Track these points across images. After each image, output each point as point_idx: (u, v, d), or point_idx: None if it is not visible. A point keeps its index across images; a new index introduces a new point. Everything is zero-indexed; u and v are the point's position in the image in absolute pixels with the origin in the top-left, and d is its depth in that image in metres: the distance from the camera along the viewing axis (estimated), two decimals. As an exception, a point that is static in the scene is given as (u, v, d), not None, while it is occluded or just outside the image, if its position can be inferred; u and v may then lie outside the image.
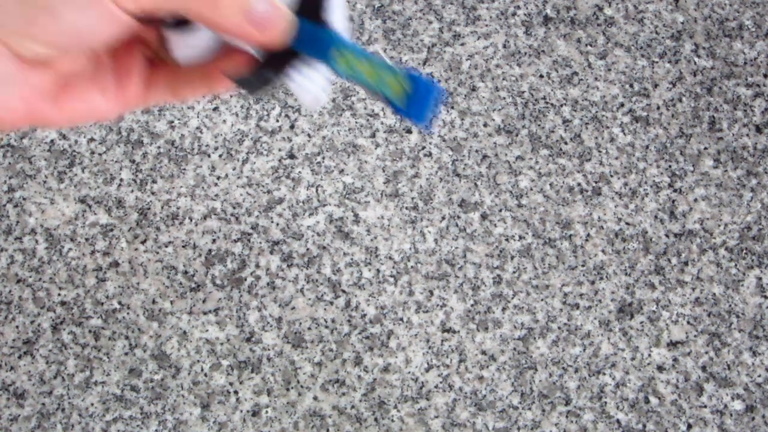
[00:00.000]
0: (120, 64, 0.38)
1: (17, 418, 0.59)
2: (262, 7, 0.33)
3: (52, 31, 0.32)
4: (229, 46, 0.36)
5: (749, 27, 0.75)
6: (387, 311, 0.64)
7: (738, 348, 0.64)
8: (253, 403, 0.60)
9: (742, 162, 0.70)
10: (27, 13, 0.32)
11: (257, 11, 0.33)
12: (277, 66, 0.35)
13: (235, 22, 0.33)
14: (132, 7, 0.33)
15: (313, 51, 0.34)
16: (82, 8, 0.32)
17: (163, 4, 0.33)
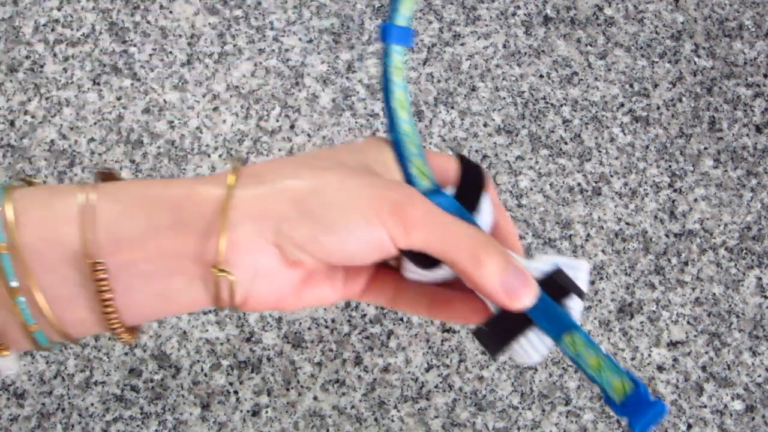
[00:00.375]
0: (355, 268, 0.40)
1: (17, 418, 0.59)
2: (517, 279, 0.36)
3: (329, 251, 0.35)
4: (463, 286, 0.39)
5: (749, 27, 0.75)
6: (387, 311, 0.64)
7: (738, 348, 0.64)
8: (253, 403, 0.60)
9: (742, 162, 0.70)
10: (314, 232, 0.34)
11: (512, 281, 0.36)
12: (507, 323, 0.37)
13: (491, 286, 0.35)
14: (403, 245, 0.36)
15: (545, 324, 0.36)
16: (364, 240, 0.35)
17: (432, 250, 0.36)
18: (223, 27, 0.73)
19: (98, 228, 0.33)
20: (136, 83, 0.70)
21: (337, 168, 0.36)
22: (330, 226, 0.34)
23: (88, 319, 0.35)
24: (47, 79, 0.69)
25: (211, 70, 0.71)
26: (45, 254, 0.33)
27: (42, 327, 0.34)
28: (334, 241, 0.34)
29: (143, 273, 0.34)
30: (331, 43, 0.73)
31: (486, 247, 0.36)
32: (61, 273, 0.33)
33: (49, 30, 0.72)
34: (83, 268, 0.33)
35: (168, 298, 0.35)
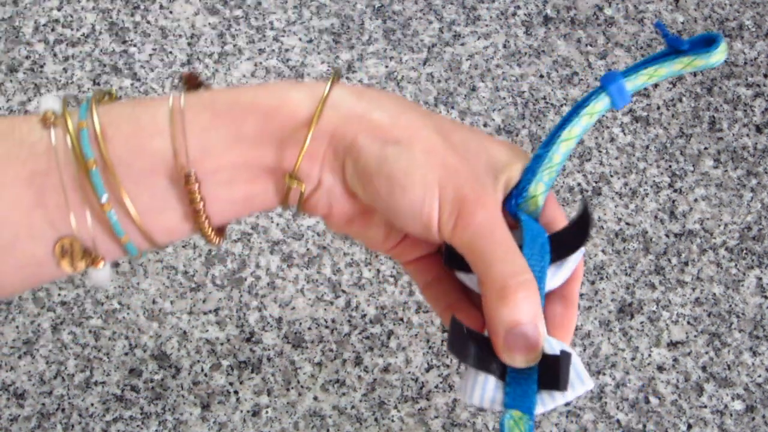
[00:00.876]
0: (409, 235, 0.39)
1: (17, 418, 0.59)
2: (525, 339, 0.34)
3: (378, 197, 0.35)
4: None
5: (749, 27, 0.75)
6: (387, 311, 0.64)
7: (738, 348, 0.64)
8: (253, 403, 0.60)
9: (742, 162, 0.70)
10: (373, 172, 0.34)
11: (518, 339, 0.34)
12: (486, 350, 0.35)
13: (498, 326, 0.34)
14: (446, 236, 0.35)
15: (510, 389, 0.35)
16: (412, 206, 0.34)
17: (470, 256, 0.35)
18: (223, 27, 0.73)
19: (187, 138, 0.33)
20: (136, 83, 0.70)
21: (437, 134, 0.35)
22: (391, 175, 0.34)
23: (177, 227, 0.35)
24: (47, 79, 0.70)
25: (212, 70, 0.71)
26: (134, 166, 0.33)
27: (132, 238, 0.34)
28: (385, 190, 0.34)
29: (226, 180, 0.34)
30: (331, 43, 0.73)
31: (520, 288, 0.34)
32: (150, 184, 0.34)
33: (49, 30, 0.72)
34: (173, 178, 0.34)
35: (246, 203, 0.36)
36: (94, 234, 0.34)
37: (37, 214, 0.33)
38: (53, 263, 0.34)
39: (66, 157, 0.33)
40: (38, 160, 0.33)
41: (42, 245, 0.34)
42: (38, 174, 0.33)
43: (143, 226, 0.34)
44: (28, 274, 0.35)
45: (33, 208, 0.33)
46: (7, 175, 0.33)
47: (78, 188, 0.33)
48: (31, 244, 0.34)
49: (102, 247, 0.35)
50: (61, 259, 0.34)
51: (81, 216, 0.34)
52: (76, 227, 0.33)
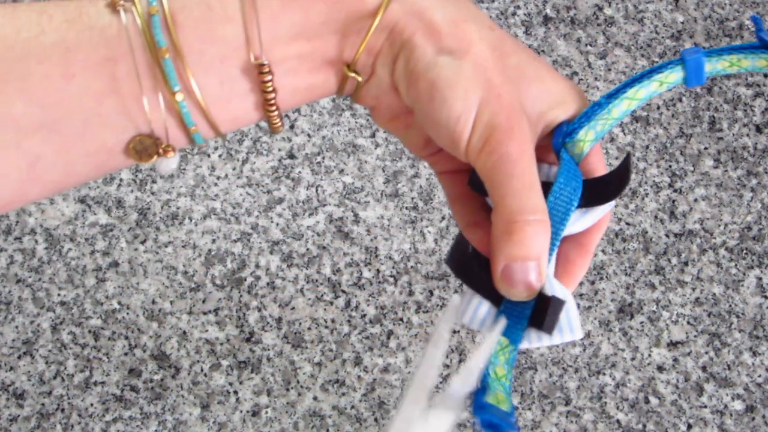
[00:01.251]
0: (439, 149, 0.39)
1: (17, 418, 0.59)
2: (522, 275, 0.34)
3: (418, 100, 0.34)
4: None
5: (749, 27, 0.75)
6: (387, 311, 0.64)
7: (738, 348, 0.64)
8: (253, 403, 0.60)
9: (742, 162, 0.70)
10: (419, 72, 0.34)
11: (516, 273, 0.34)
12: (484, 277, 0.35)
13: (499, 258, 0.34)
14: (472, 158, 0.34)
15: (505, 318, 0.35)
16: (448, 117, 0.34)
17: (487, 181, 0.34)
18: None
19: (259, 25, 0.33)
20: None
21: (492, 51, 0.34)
22: (435, 81, 0.33)
23: (244, 116, 0.35)
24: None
25: (211, 70, 0.71)
26: (205, 54, 0.33)
27: (200, 128, 0.34)
28: (426, 94, 0.34)
29: (293, 69, 0.34)
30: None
31: (528, 226, 0.33)
32: (220, 73, 0.33)
33: None
34: (243, 67, 0.33)
35: (308, 93, 0.36)
36: (165, 123, 0.33)
37: (110, 102, 0.32)
38: (123, 153, 0.34)
39: (137, 44, 0.32)
40: (110, 45, 0.32)
41: (113, 134, 0.33)
42: (110, 60, 0.32)
43: (211, 117, 0.34)
44: (98, 162, 0.34)
45: (105, 95, 0.32)
46: (78, 61, 0.32)
47: (150, 76, 0.32)
48: (102, 131, 0.33)
49: (173, 137, 0.34)
50: (134, 153, 0.34)
51: (154, 104, 0.33)
52: (148, 115, 0.33)
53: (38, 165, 0.33)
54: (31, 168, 0.33)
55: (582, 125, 0.36)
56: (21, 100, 0.32)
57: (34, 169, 0.33)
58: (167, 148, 0.34)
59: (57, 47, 0.32)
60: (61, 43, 0.32)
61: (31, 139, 0.32)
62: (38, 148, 0.33)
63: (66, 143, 0.33)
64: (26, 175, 0.33)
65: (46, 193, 0.35)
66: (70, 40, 0.32)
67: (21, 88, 0.32)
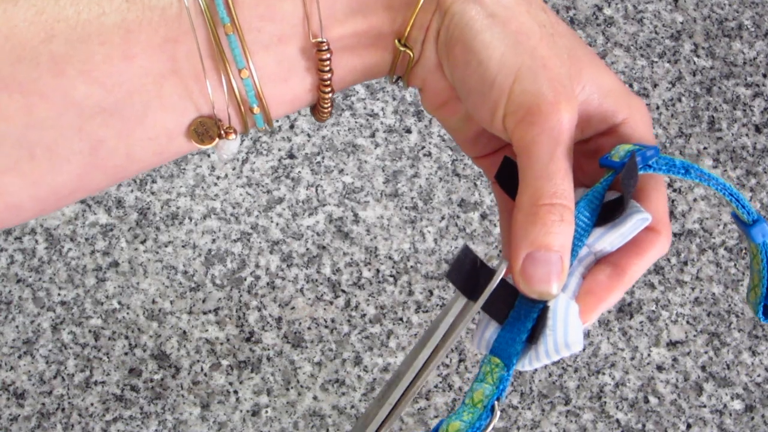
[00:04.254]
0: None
1: (17, 418, 0.59)
2: (543, 270, 0.31)
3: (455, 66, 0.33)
4: None
5: (748, 27, 0.75)
6: (387, 311, 0.64)
7: (737, 348, 0.64)
8: (253, 403, 0.60)
9: (742, 162, 0.70)
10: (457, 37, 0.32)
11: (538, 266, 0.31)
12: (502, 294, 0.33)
13: (519, 247, 0.31)
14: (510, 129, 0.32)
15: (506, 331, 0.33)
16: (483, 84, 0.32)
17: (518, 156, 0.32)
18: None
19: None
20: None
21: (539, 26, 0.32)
22: (472, 44, 0.32)
23: (299, 97, 0.34)
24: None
25: (211, 70, 0.71)
26: (264, 31, 0.32)
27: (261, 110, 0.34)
28: (462, 59, 0.32)
29: (349, 48, 0.34)
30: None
31: (555, 215, 0.31)
32: (278, 51, 0.33)
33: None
34: (302, 46, 0.33)
35: (364, 72, 0.35)
36: (227, 104, 0.33)
37: (171, 83, 0.32)
38: (183, 138, 0.33)
39: (198, 23, 0.32)
40: (170, 26, 0.31)
41: (174, 116, 0.33)
42: (171, 41, 0.32)
43: (264, 97, 0.33)
44: (159, 147, 0.33)
45: (166, 76, 0.32)
46: (140, 43, 0.31)
47: (211, 56, 0.32)
48: (162, 114, 0.32)
49: (233, 119, 0.33)
50: (195, 136, 0.33)
51: (216, 85, 0.32)
52: (211, 97, 0.32)
53: (100, 150, 0.32)
54: (93, 152, 0.32)
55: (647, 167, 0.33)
56: (82, 82, 0.31)
57: (96, 153, 0.32)
58: (229, 129, 0.34)
59: (118, 28, 0.31)
60: (121, 23, 0.31)
61: (92, 123, 0.32)
62: (100, 132, 0.32)
63: (127, 127, 0.32)
64: (88, 160, 0.32)
65: (108, 181, 0.34)
66: (131, 20, 0.31)
67: (82, 70, 0.31)
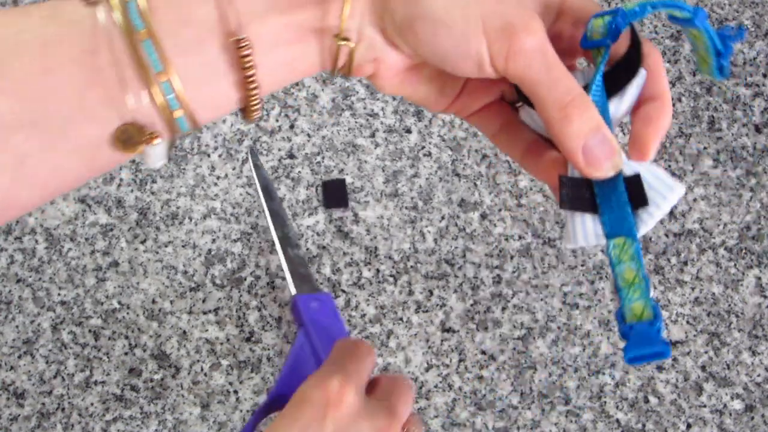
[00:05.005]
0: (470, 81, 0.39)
1: (17, 417, 0.59)
2: (601, 147, 0.34)
3: (421, 43, 0.34)
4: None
5: (748, 27, 0.75)
6: (387, 311, 0.64)
7: (737, 348, 0.64)
8: (253, 403, 0.60)
9: (742, 162, 0.70)
10: (413, 16, 0.34)
11: (594, 149, 0.34)
12: (575, 193, 0.35)
13: (571, 144, 0.34)
14: (500, 69, 0.34)
15: (606, 218, 0.34)
16: (459, 43, 0.34)
17: (525, 86, 0.34)
18: (223, 27, 0.73)
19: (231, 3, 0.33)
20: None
21: None
22: (431, 15, 0.33)
23: (226, 98, 0.35)
24: (47, 79, 0.70)
25: (211, 70, 0.71)
26: (181, 36, 0.33)
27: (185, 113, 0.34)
28: (428, 33, 0.33)
29: (272, 43, 0.34)
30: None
31: (580, 105, 0.34)
32: (199, 54, 0.33)
33: None
34: (222, 45, 0.33)
35: (292, 66, 0.35)
36: (149, 110, 0.33)
37: (92, 93, 0.32)
38: (110, 146, 0.34)
39: (114, 33, 0.32)
40: (87, 39, 0.32)
41: (98, 126, 0.33)
42: (88, 52, 0.32)
43: (187, 101, 0.34)
44: (85, 158, 0.34)
45: (86, 87, 0.32)
46: (58, 57, 0.32)
47: (129, 64, 0.33)
48: (86, 125, 0.33)
49: (157, 124, 0.34)
50: (120, 144, 0.33)
51: (136, 92, 0.33)
52: (132, 103, 0.33)
53: (26, 164, 0.33)
54: (18, 168, 0.33)
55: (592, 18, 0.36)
56: (2, 97, 0.32)
57: (22, 168, 0.33)
58: (152, 135, 0.34)
59: (35, 43, 0.32)
60: (38, 38, 0.32)
61: (15, 137, 0.32)
62: (24, 146, 0.32)
63: (51, 139, 0.33)
64: (14, 175, 0.33)
65: (37, 197, 0.34)
66: (48, 35, 0.32)
67: (1, 87, 0.32)
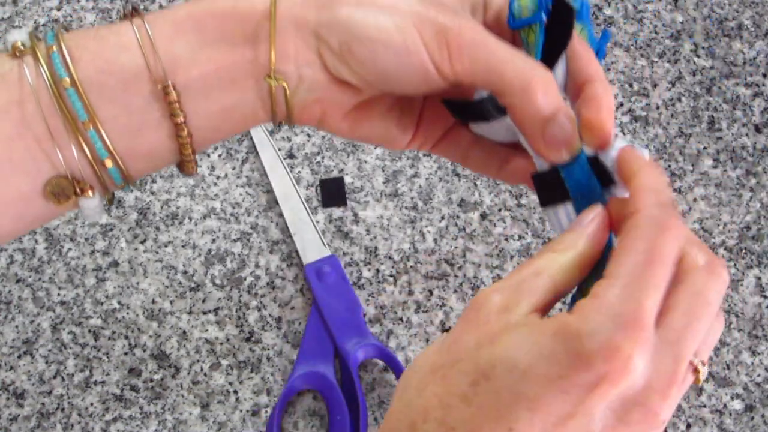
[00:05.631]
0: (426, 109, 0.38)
1: (17, 417, 0.59)
2: (560, 130, 0.33)
3: (364, 66, 0.33)
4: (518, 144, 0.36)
5: (748, 27, 0.75)
6: (387, 311, 0.64)
7: (737, 348, 0.64)
8: (253, 403, 0.60)
9: (742, 162, 0.70)
10: (348, 41, 0.33)
11: (553, 131, 0.33)
12: (547, 185, 0.35)
13: (535, 127, 0.33)
14: (448, 73, 0.33)
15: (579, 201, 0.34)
16: (400, 57, 0.33)
17: (479, 80, 0.33)
18: (223, 27, 0.73)
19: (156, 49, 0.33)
20: (136, 83, 0.70)
21: None
22: (366, 36, 0.33)
23: (158, 147, 0.34)
24: (47, 79, 0.70)
25: (211, 70, 0.71)
26: (106, 85, 0.33)
27: (114, 163, 0.33)
28: (367, 53, 0.33)
29: (200, 90, 0.34)
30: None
31: (540, 78, 0.33)
32: (126, 102, 0.33)
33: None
34: (149, 93, 0.33)
35: (227, 114, 0.35)
36: (78, 161, 0.33)
37: (18, 146, 0.32)
38: (41, 199, 0.33)
39: (40, 83, 0.32)
40: (12, 90, 0.32)
41: (27, 179, 0.33)
42: (14, 104, 0.32)
43: (115, 150, 0.33)
44: (16, 212, 0.33)
45: (13, 139, 0.32)
46: None
47: (56, 115, 0.32)
48: (15, 178, 0.32)
49: (88, 176, 0.33)
50: (52, 197, 0.33)
51: (64, 143, 0.33)
52: (60, 155, 0.32)
53: None
54: None
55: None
56: None
57: None
58: (84, 187, 0.33)
59: None
60: None
61: None
62: None
63: None
64: None
65: None
66: None
67: None
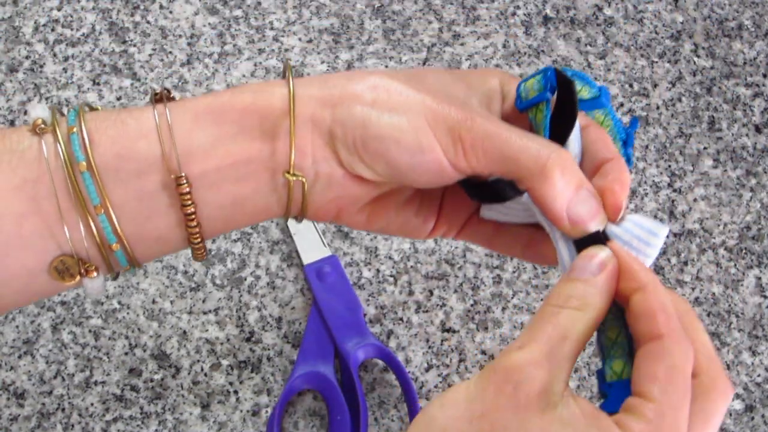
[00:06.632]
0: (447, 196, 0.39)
1: (17, 417, 0.59)
2: (585, 209, 0.33)
3: (379, 162, 0.34)
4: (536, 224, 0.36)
5: (749, 27, 0.75)
6: (387, 311, 0.64)
7: (737, 348, 0.64)
8: (253, 403, 0.60)
9: (742, 162, 0.70)
10: (363, 138, 0.33)
11: (579, 209, 0.33)
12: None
13: (557, 208, 0.33)
14: (464, 167, 0.34)
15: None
16: (414, 155, 0.34)
17: (496, 169, 0.34)
18: (223, 27, 0.73)
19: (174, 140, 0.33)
20: (136, 83, 0.70)
21: (407, 84, 0.34)
22: (380, 133, 0.33)
23: (167, 235, 0.35)
24: (47, 79, 0.70)
25: (211, 70, 0.71)
26: (121, 170, 0.33)
27: (121, 247, 0.34)
28: (381, 150, 0.33)
29: (214, 182, 0.34)
30: (331, 43, 0.73)
31: (555, 157, 0.33)
32: (138, 188, 0.33)
33: (49, 30, 0.72)
34: (162, 182, 0.33)
35: (239, 206, 0.35)
36: (86, 242, 0.33)
37: (29, 222, 0.33)
38: (46, 275, 0.34)
39: (57, 163, 0.33)
40: (29, 167, 0.32)
41: (34, 256, 0.33)
42: (29, 181, 0.32)
43: (124, 235, 0.33)
44: (20, 286, 0.34)
45: (24, 216, 0.32)
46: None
47: (69, 195, 0.33)
48: (22, 253, 0.33)
49: (94, 257, 0.34)
50: (57, 275, 0.33)
51: (73, 223, 0.33)
52: (68, 235, 0.33)
53: None
54: None
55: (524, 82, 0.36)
56: None
57: None
58: (89, 267, 0.34)
59: None
60: None
61: None
62: None
63: None
64: None
65: None
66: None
67: None
